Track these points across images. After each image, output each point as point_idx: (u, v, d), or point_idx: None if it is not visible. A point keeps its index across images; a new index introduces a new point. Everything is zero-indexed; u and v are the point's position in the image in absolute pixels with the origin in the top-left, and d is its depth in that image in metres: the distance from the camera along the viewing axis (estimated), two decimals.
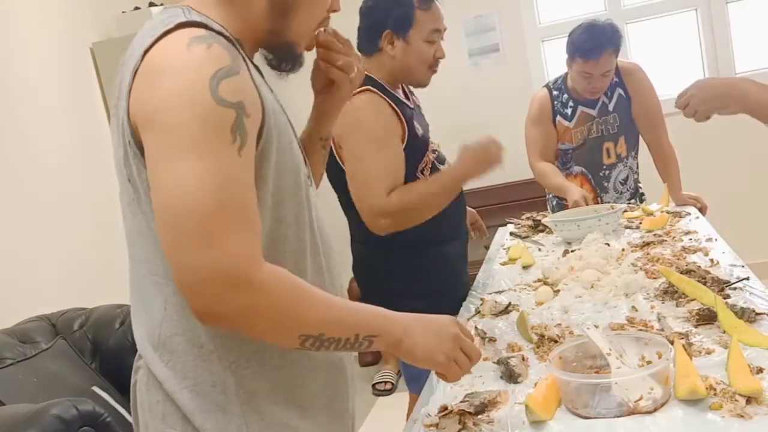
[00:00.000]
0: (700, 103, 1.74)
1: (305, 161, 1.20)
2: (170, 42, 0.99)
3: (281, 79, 1.21)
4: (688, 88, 1.78)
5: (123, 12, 3.82)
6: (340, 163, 1.99)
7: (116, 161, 1.09)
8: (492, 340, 1.63)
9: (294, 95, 1.77)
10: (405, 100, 2.11)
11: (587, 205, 2.60)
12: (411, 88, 2.21)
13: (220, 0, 1.10)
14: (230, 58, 0.99)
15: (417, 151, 2.04)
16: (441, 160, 2.13)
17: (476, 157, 2.00)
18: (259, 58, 1.19)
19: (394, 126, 1.99)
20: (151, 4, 3.85)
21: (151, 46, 1.00)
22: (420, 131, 2.06)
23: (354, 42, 1.71)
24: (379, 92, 1.99)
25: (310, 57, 1.25)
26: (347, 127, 1.89)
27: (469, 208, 2.22)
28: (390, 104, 1.99)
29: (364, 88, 1.94)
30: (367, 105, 1.96)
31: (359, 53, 1.88)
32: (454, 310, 2.00)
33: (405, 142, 2.00)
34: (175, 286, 1.02)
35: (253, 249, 0.98)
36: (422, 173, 2.04)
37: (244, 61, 1.05)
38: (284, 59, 1.17)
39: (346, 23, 1.61)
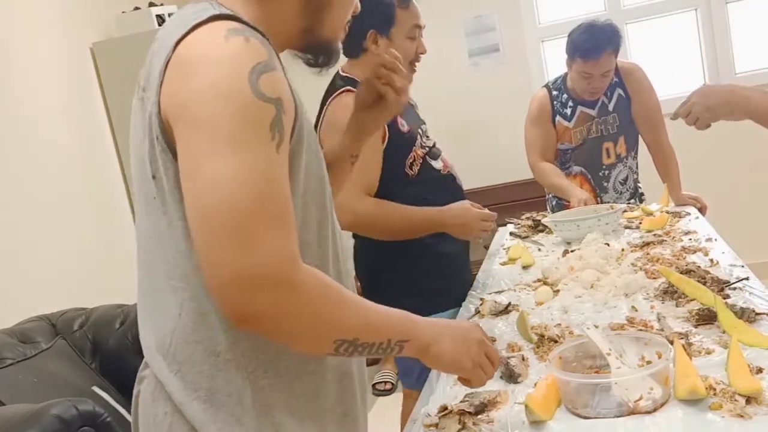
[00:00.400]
0: (703, 110, 1.75)
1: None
2: (204, 34, 0.96)
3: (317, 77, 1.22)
4: (690, 96, 1.78)
5: (123, 12, 3.83)
6: None
7: (137, 157, 1.05)
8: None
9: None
10: None
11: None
12: None
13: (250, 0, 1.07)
14: (267, 53, 0.96)
15: (402, 146, 2.07)
16: (434, 155, 2.16)
17: (464, 218, 2.02)
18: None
19: None
20: (151, 4, 3.85)
21: (182, 39, 0.96)
22: (405, 127, 2.08)
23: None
24: None
25: None
26: (329, 126, 1.96)
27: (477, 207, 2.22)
28: None
29: (345, 89, 2.01)
30: (349, 106, 1.98)
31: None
32: (455, 308, 2.01)
33: (386, 141, 2.03)
34: (193, 291, 1.00)
35: (292, 248, 0.94)
36: (411, 168, 2.08)
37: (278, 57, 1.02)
38: (319, 54, 1.16)
39: None
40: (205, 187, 0.91)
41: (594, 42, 2.67)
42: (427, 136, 2.18)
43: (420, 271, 2.08)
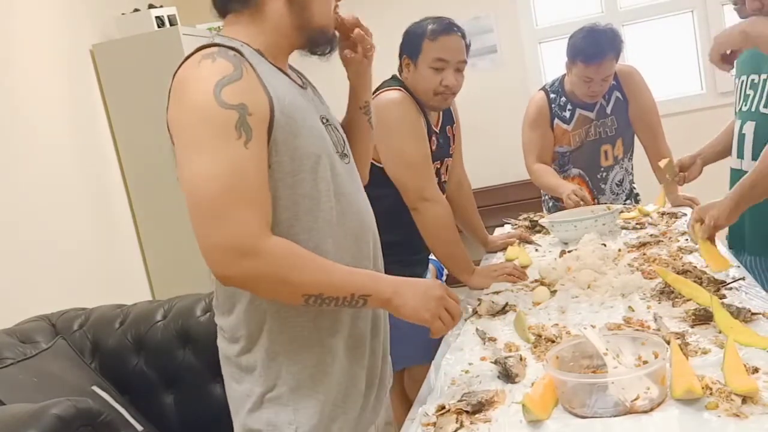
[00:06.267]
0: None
1: (339, 141, 1.38)
2: (188, 63, 1.22)
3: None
4: None
5: (123, 14, 3.83)
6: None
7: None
8: (492, 339, 1.64)
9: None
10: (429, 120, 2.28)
11: (581, 198, 2.61)
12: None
13: (246, 22, 1.30)
14: (233, 67, 1.18)
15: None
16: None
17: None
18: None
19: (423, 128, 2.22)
20: (151, 6, 3.85)
21: (178, 69, 1.22)
22: (433, 147, 2.24)
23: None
24: (410, 96, 2.21)
25: None
26: (388, 124, 2.11)
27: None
28: (418, 110, 2.21)
29: (395, 88, 2.20)
30: (399, 104, 2.18)
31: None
32: None
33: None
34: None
35: (259, 223, 1.17)
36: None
37: (254, 68, 1.21)
38: (319, 44, 1.34)
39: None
40: (189, 182, 1.17)
41: (596, 47, 2.66)
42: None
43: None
